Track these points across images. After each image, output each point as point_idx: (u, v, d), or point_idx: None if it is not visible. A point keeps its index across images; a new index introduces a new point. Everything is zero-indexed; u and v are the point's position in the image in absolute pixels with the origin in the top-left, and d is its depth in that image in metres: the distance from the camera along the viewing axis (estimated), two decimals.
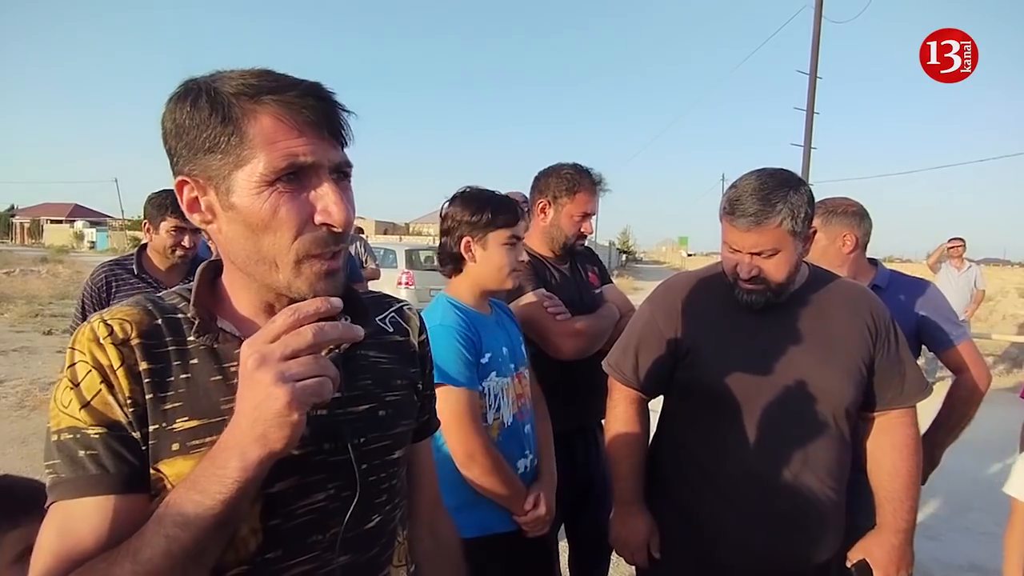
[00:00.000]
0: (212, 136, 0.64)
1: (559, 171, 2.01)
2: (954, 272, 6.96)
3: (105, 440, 0.63)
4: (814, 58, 13.84)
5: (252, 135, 0.63)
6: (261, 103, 0.64)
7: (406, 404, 0.85)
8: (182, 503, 0.58)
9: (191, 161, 0.66)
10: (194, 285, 0.74)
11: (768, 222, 1.27)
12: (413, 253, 11.50)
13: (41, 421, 4.64)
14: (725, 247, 1.38)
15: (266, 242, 0.65)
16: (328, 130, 0.66)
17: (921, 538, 3.32)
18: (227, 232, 0.68)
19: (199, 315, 0.70)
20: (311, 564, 0.71)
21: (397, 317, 0.90)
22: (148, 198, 2.30)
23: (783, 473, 1.33)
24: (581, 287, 2.10)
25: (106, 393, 0.64)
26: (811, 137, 13.79)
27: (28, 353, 7.07)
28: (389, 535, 0.81)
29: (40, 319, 9.44)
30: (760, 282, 1.33)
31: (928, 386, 1.47)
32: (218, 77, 0.66)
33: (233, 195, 0.65)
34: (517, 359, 1.62)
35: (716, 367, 1.37)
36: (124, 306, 0.71)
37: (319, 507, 0.72)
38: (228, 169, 0.64)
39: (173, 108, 0.66)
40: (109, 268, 2.29)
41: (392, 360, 0.85)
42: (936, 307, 1.96)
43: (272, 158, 0.63)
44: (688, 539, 1.44)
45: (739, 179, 1.35)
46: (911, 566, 1.45)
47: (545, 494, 1.58)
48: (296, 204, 0.65)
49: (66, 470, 0.63)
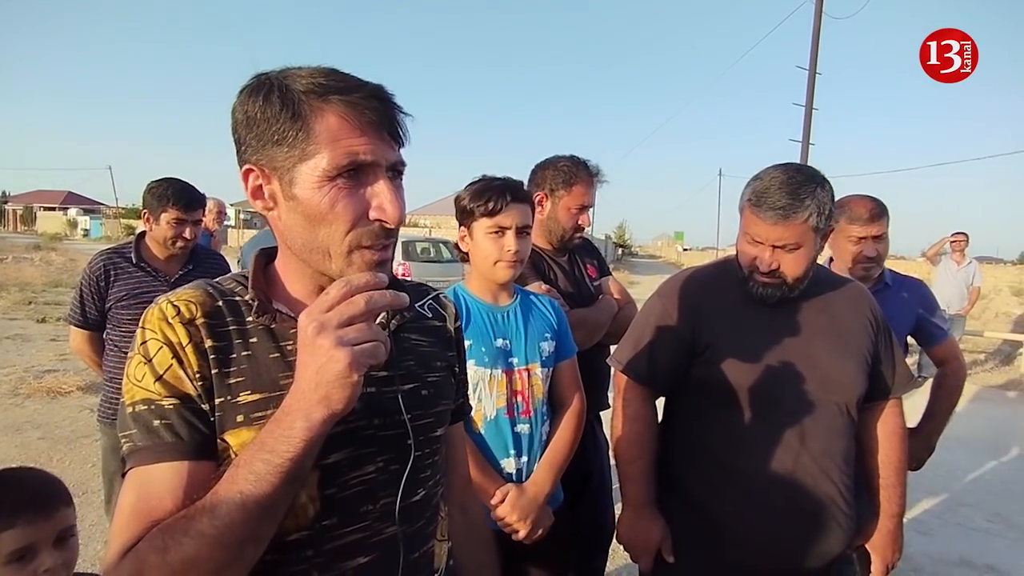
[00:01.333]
0: (281, 130, 0.68)
1: (556, 163, 2.00)
2: (953, 266, 6.98)
3: (179, 410, 0.68)
4: (814, 54, 13.85)
5: (318, 131, 0.67)
6: (328, 102, 0.68)
7: (445, 385, 0.91)
8: (253, 462, 0.62)
9: (259, 151, 0.70)
10: (250, 271, 0.78)
11: (796, 217, 1.28)
12: (410, 245, 11.49)
13: (35, 409, 4.64)
14: (745, 238, 1.37)
15: (321, 232, 0.70)
16: (388, 131, 0.70)
17: (913, 533, 3.38)
18: (286, 220, 0.72)
19: (257, 297, 0.75)
20: (364, 532, 0.76)
21: (435, 303, 0.96)
22: (148, 187, 2.28)
23: (806, 469, 1.33)
24: (579, 279, 2.10)
25: (177, 368, 0.69)
26: (810, 133, 13.82)
27: (22, 341, 7.04)
28: (433, 509, 0.87)
29: (33, 307, 9.39)
30: (777, 276, 1.33)
31: (914, 378, 1.56)
32: (288, 74, 0.70)
33: (296, 186, 0.69)
34: (525, 355, 1.55)
35: (736, 363, 1.37)
36: (187, 289, 0.76)
37: (370, 479, 0.77)
38: (293, 162, 0.69)
39: (245, 100, 0.70)
40: (107, 256, 2.28)
41: (432, 344, 0.91)
42: (931, 305, 2.10)
43: (335, 155, 0.67)
44: (702, 538, 1.41)
45: (763, 171, 1.36)
46: (902, 549, 1.55)
47: (514, 497, 1.47)
48: (353, 200, 0.69)
49: (142, 438, 0.68)
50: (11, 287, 11.14)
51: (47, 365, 5.93)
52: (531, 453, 1.56)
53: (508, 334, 1.56)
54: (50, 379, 5.31)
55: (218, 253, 2.84)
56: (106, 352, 2.29)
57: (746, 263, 1.38)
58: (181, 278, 2.29)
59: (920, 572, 3.00)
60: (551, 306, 1.66)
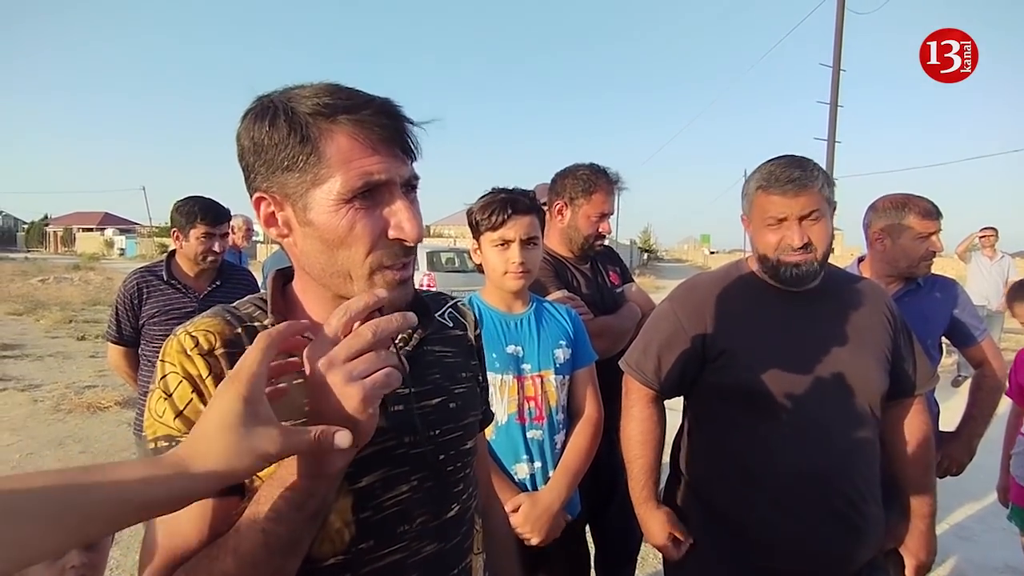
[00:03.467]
0: (291, 155, 0.66)
1: (575, 172, 2.01)
2: (985, 262, 6.79)
3: None
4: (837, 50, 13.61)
5: (329, 154, 0.65)
6: (337, 123, 0.66)
7: (471, 396, 0.89)
8: (274, 500, 0.61)
9: (268, 178, 0.68)
10: (268, 295, 0.77)
11: (812, 184, 1.32)
12: (434, 255, 11.57)
13: (76, 424, 4.79)
14: (765, 224, 1.36)
15: (341, 256, 0.68)
16: (400, 147, 0.69)
17: (956, 539, 3.27)
18: (302, 246, 0.70)
19: (277, 323, 0.73)
20: (402, 553, 0.75)
21: (455, 312, 0.94)
22: (175, 206, 2.36)
23: (836, 470, 1.31)
24: (602, 287, 2.10)
25: (197, 402, 0.68)
26: (835, 131, 13.56)
27: (63, 358, 7.27)
28: (468, 523, 0.85)
29: (74, 325, 9.69)
30: (809, 250, 1.33)
31: (935, 375, 1.55)
32: (292, 95, 0.68)
33: (310, 212, 0.67)
34: (538, 361, 1.57)
35: (754, 367, 1.35)
36: (205, 318, 0.74)
37: (404, 498, 0.76)
38: (305, 187, 0.67)
39: (250, 126, 0.68)
40: (140, 275, 2.36)
41: (455, 354, 0.89)
42: (966, 305, 2.04)
43: (348, 177, 0.65)
44: (728, 545, 1.39)
45: (758, 168, 1.39)
46: (936, 551, 1.52)
47: (528, 508, 1.48)
48: (371, 220, 0.67)
49: None
50: (52, 306, 11.52)
51: (87, 381, 6.12)
52: (544, 459, 1.56)
53: (520, 340, 1.57)
54: (90, 395, 5.48)
55: (245, 269, 2.91)
56: (141, 367, 2.36)
57: (771, 249, 1.36)
58: (209, 294, 2.36)
59: None
60: (567, 314, 1.66)
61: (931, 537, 1.50)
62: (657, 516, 1.49)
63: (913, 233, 1.90)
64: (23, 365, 6.77)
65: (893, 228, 1.93)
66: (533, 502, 1.50)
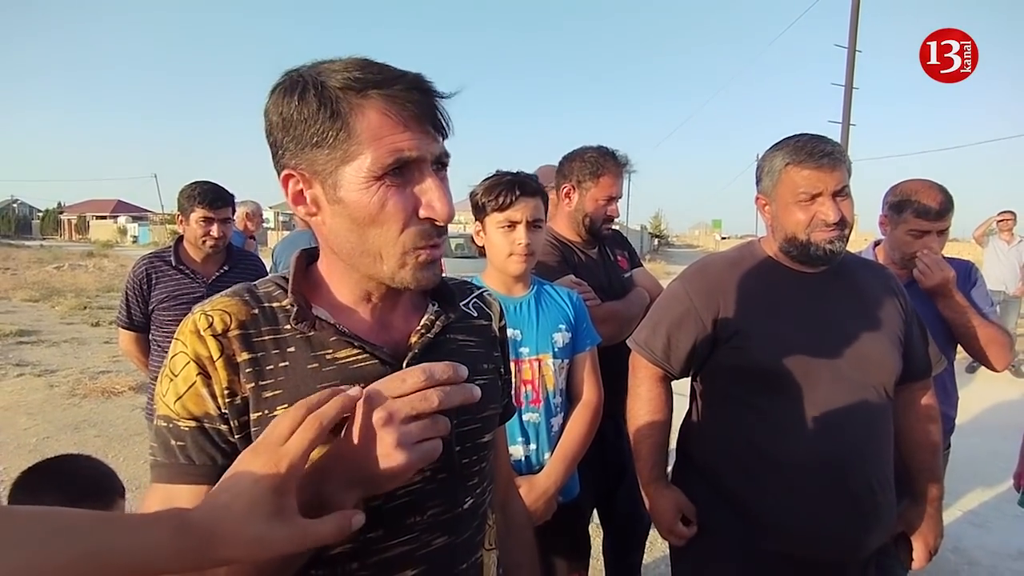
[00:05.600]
0: (320, 131, 0.64)
1: (583, 155, 1.98)
2: (1003, 246, 6.71)
3: (193, 433, 0.67)
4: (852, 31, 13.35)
5: (359, 130, 0.64)
6: (367, 97, 0.64)
7: (492, 388, 0.87)
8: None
9: (297, 155, 0.67)
10: (290, 274, 0.75)
11: (843, 160, 1.32)
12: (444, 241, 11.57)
13: (91, 409, 4.85)
14: (797, 199, 1.32)
15: (372, 235, 0.67)
16: (431, 123, 0.67)
17: (968, 525, 3.25)
18: (331, 225, 0.69)
19: (296, 303, 0.71)
20: (411, 545, 0.73)
21: (480, 302, 0.92)
22: (180, 190, 2.37)
23: (852, 454, 1.30)
24: (610, 271, 2.07)
25: (201, 385, 0.67)
26: (850, 113, 13.34)
27: (78, 344, 7.36)
28: (481, 518, 0.83)
29: (88, 311, 9.80)
30: (843, 226, 1.32)
31: (943, 358, 1.54)
32: (322, 69, 0.66)
33: (340, 190, 0.66)
34: (536, 345, 1.56)
35: (769, 348, 1.33)
36: (223, 297, 0.73)
37: (416, 488, 0.74)
38: (335, 164, 0.65)
39: (279, 101, 0.66)
40: (149, 261, 2.36)
41: (478, 344, 0.87)
42: (981, 288, 2.00)
43: (379, 154, 0.64)
44: (739, 529, 1.38)
45: (779, 143, 1.37)
46: (943, 533, 1.53)
47: (525, 491, 1.48)
48: (402, 198, 0.66)
49: (161, 455, 0.68)
50: (67, 293, 11.66)
51: (101, 366, 6.20)
52: (539, 441, 1.57)
53: (519, 324, 1.56)
54: (104, 380, 5.55)
55: (254, 254, 2.91)
56: (151, 352, 2.38)
57: (803, 227, 1.33)
58: (218, 279, 2.36)
59: (976, 566, 2.88)
60: (568, 298, 1.65)
61: (939, 521, 1.50)
62: (666, 495, 1.48)
63: (907, 228, 1.86)
64: (39, 351, 6.86)
65: (894, 217, 1.89)
66: (531, 486, 1.51)
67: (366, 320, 0.76)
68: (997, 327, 1.87)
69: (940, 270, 1.78)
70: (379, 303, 0.76)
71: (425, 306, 0.80)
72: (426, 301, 0.81)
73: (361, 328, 0.75)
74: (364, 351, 0.72)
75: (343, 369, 0.71)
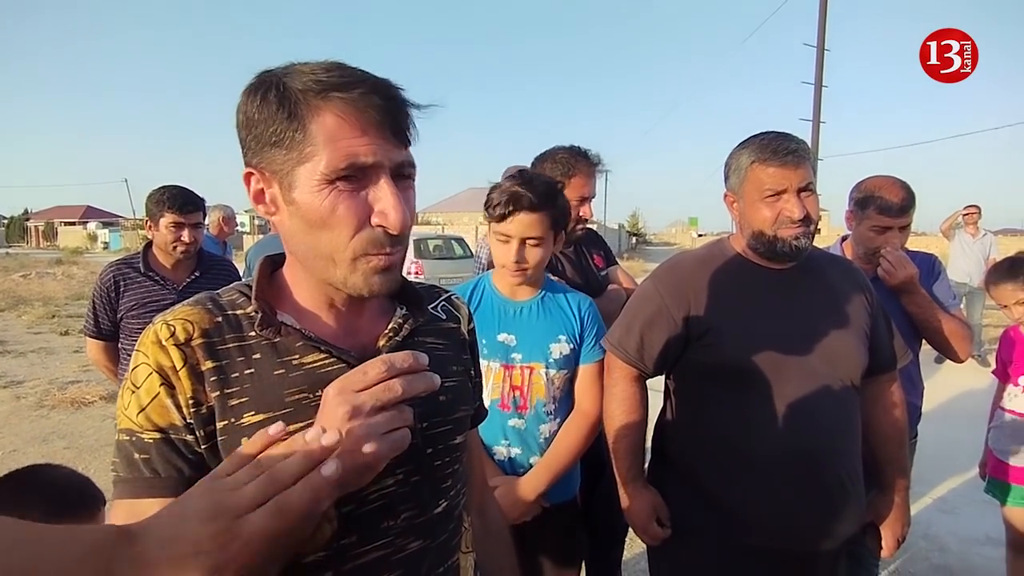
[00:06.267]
0: (278, 131, 0.65)
1: (554, 155, 1.97)
2: (968, 239, 6.91)
3: (159, 445, 0.65)
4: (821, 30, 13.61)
5: (315, 132, 0.63)
6: (327, 100, 0.64)
7: (462, 390, 0.87)
8: None
9: (258, 154, 0.67)
10: (254, 279, 0.74)
11: (807, 157, 1.34)
12: (422, 242, 11.52)
13: (60, 420, 4.73)
14: (762, 196, 1.34)
15: (324, 238, 0.66)
16: (391, 130, 0.66)
17: (938, 512, 3.33)
18: (288, 226, 0.69)
19: (260, 309, 0.71)
20: (386, 550, 0.73)
21: (448, 305, 0.92)
22: (148, 195, 2.31)
23: (822, 446, 1.32)
24: (587, 270, 2.08)
25: (164, 396, 0.66)
26: (820, 111, 13.58)
27: (46, 354, 7.18)
28: (456, 520, 0.83)
29: (57, 320, 9.55)
30: (808, 222, 1.34)
31: (908, 351, 1.58)
32: (291, 71, 0.66)
33: (295, 190, 0.66)
34: (530, 353, 1.54)
35: (740, 344, 1.35)
36: (185, 306, 0.72)
37: (389, 492, 0.73)
38: (291, 164, 0.65)
39: (245, 100, 0.67)
40: (116, 268, 2.31)
41: (447, 347, 0.86)
42: (944, 282, 2.04)
43: (333, 157, 0.63)
44: (715, 524, 1.39)
45: (745, 142, 1.39)
46: (910, 522, 1.59)
47: (503, 492, 1.49)
48: (354, 204, 0.65)
49: (124, 470, 0.66)
50: (35, 302, 11.36)
51: (71, 376, 6.05)
52: (525, 446, 1.55)
53: (515, 329, 1.54)
54: (74, 390, 5.42)
55: (227, 259, 2.86)
56: (120, 361, 2.33)
57: (768, 223, 1.35)
58: (189, 285, 2.32)
59: (946, 551, 2.96)
60: (577, 308, 1.60)
61: (907, 510, 1.55)
62: (643, 496, 1.49)
63: (870, 224, 1.90)
64: (5, 362, 6.68)
65: (858, 213, 1.93)
66: (509, 488, 1.51)
67: (332, 324, 0.75)
68: (959, 320, 1.93)
69: (904, 268, 1.82)
70: (343, 307, 0.76)
71: (393, 310, 0.80)
72: (394, 305, 0.81)
73: (327, 332, 0.74)
74: (331, 355, 0.71)
75: (310, 374, 0.70)
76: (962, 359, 1.95)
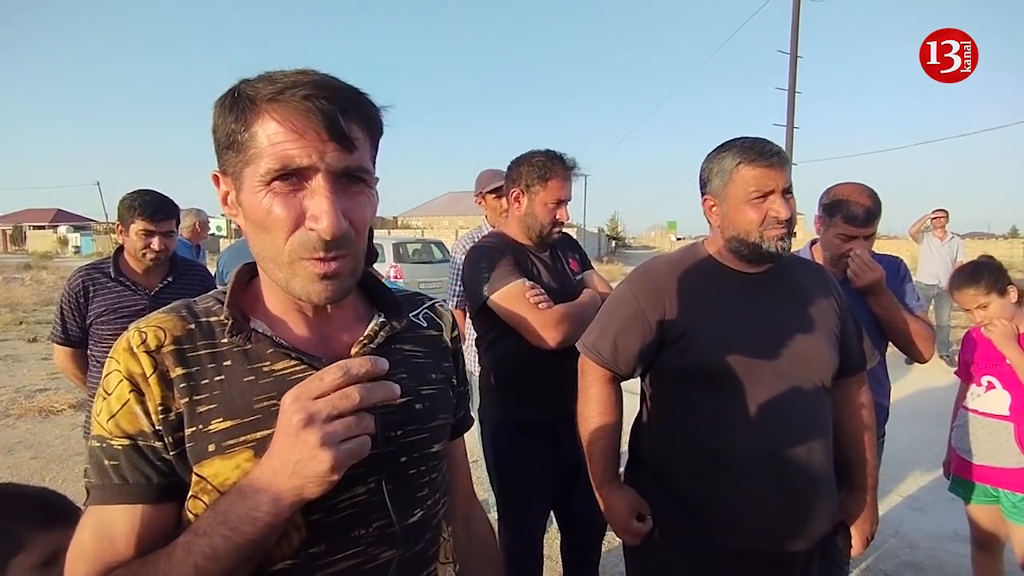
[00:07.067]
0: (228, 134, 0.67)
1: (531, 159, 1.99)
2: (936, 243, 7.07)
3: (128, 452, 0.66)
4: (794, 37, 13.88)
5: (260, 136, 0.65)
6: (272, 103, 0.65)
7: (442, 398, 0.86)
8: (212, 536, 0.60)
9: (220, 157, 0.70)
10: (229, 286, 0.75)
11: (787, 159, 1.37)
12: (401, 246, 11.45)
13: (27, 429, 4.61)
14: (749, 198, 1.35)
15: (265, 240, 0.67)
16: (331, 133, 0.65)
17: (908, 510, 3.40)
18: (244, 227, 0.71)
19: (232, 316, 0.71)
20: (357, 559, 0.72)
21: (430, 312, 0.92)
22: (121, 199, 2.26)
23: (794, 448, 1.34)
24: (562, 274, 2.09)
25: (134, 403, 0.66)
26: (793, 117, 13.83)
27: (13, 361, 6.99)
28: (434, 530, 0.82)
29: (25, 327, 9.33)
30: (792, 223, 1.36)
31: (876, 353, 1.61)
32: (259, 78, 0.67)
33: (242, 192, 0.68)
34: None
35: (715, 347, 1.36)
36: (160, 313, 0.73)
37: (360, 500, 0.72)
38: (240, 166, 0.67)
39: (215, 106, 0.69)
40: (86, 273, 2.26)
41: (426, 354, 0.86)
42: (910, 284, 2.09)
43: (268, 159, 0.64)
44: (690, 526, 1.40)
45: (726, 145, 1.40)
46: (878, 521, 1.61)
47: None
48: (287, 206, 0.65)
49: (95, 476, 0.67)
50: (2, 308, 11.05)
51: (38, 384, 5.90)
52: None
53: None
54: (41, 398, 5.29)
55: (200, 264, 2.81)
56: (90, 369, 2.28)
57: (755, 225, 1.35)
58: (162, 291, 2.28)
59: (915, 548, 3.03)
60: None
61: (875, 509, 1.58)
62: (620, 496, 1.49)
63: (836, 231, 1.94)
64: None
65: (826, 219, 1.98)
66: None
67: (305, 331, 0.75)
68: (923, 322, 1.98)
69: (871, 271, 1.87)
70: (311, 314, 0.75)
71: (371, 317, 0.80)
72: (372, 312, 0.81)
73: (300, 340, 0.74)
74: (302, 363, 0.71)
75: (280, 381, 0.69)
76: (926, 359, 2.00)
